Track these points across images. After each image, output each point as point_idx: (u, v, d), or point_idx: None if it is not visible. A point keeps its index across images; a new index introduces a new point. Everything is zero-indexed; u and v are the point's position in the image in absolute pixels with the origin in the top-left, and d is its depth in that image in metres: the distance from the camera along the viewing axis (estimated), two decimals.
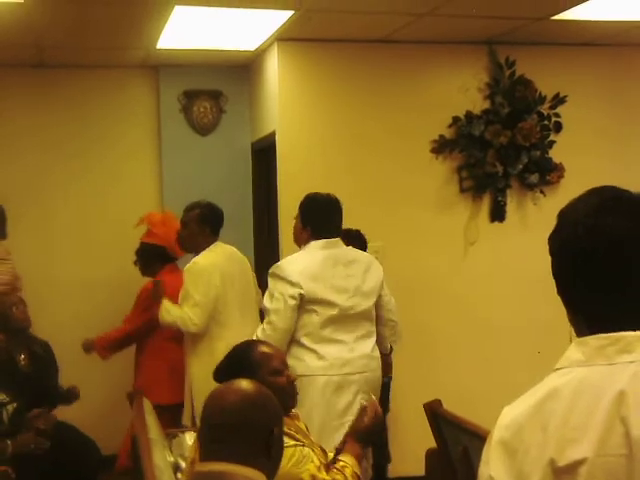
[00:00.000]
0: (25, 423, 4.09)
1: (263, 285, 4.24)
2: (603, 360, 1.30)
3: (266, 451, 2.00)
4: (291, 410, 2.89)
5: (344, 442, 2.92)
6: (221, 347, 4.27)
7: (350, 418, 3.91)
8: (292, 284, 3.85)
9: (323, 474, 2.66)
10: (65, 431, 4.49)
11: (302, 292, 3.85)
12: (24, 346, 4.51)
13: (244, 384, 2.09)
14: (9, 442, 3.99)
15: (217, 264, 4.43)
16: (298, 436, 2.77)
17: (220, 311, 4.41)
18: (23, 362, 4.46)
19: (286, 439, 2.67)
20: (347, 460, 2.76)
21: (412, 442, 3.97)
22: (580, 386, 1.29)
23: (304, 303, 3.87)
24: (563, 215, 1.40)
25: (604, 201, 1.36)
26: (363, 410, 2.92)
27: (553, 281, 1.39)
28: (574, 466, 1.23)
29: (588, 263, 1.33)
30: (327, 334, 3.91)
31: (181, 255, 4.87)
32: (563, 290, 1.39)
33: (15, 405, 4.11)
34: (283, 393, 2.80)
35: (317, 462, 2.69)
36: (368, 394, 3.33)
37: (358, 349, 3.96)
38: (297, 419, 3.01)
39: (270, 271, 3.98)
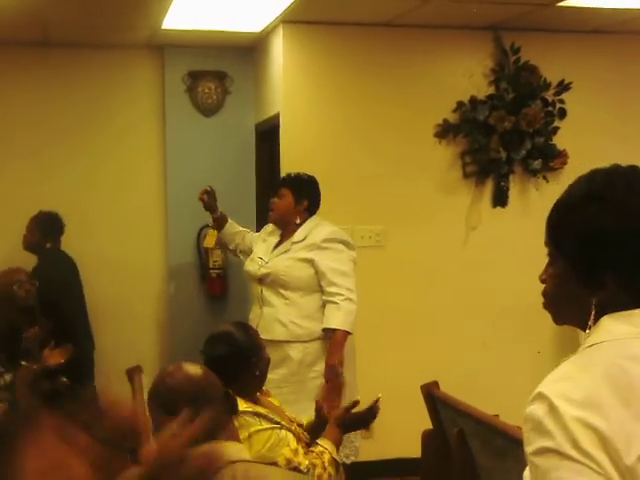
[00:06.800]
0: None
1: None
2: None
3: (230, 411, 2.07)
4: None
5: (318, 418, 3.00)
6: None
7: None
8: (354, 247, 4.17)
9: (300, 457, 2.66)
10: None
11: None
12: (30, 323, 4.51)
13: (186, 369, 2.07)
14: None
15: None
16: (272, 416, 2.76)
17: None
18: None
19: (261, 421, 2.68)
20: (326, 445, 2.77)
21: (408, 423, 3.98)
22: None
23: None
24: (585, 192, 1.40)
25: (633, 180, 1.38)
26: (375, 402, 3.00)
27: None
28: None
29: (630, 240, 1.34)
30: None
31: None
32: (593, 269, 1.37)
33: (12, 376, 4.13)
34: (262, 376, 2.85)
35: (293, 445, 2.68)
36: None
37: None
38: (267, 395, 3.03)
39: (333, 237, 4.10)
